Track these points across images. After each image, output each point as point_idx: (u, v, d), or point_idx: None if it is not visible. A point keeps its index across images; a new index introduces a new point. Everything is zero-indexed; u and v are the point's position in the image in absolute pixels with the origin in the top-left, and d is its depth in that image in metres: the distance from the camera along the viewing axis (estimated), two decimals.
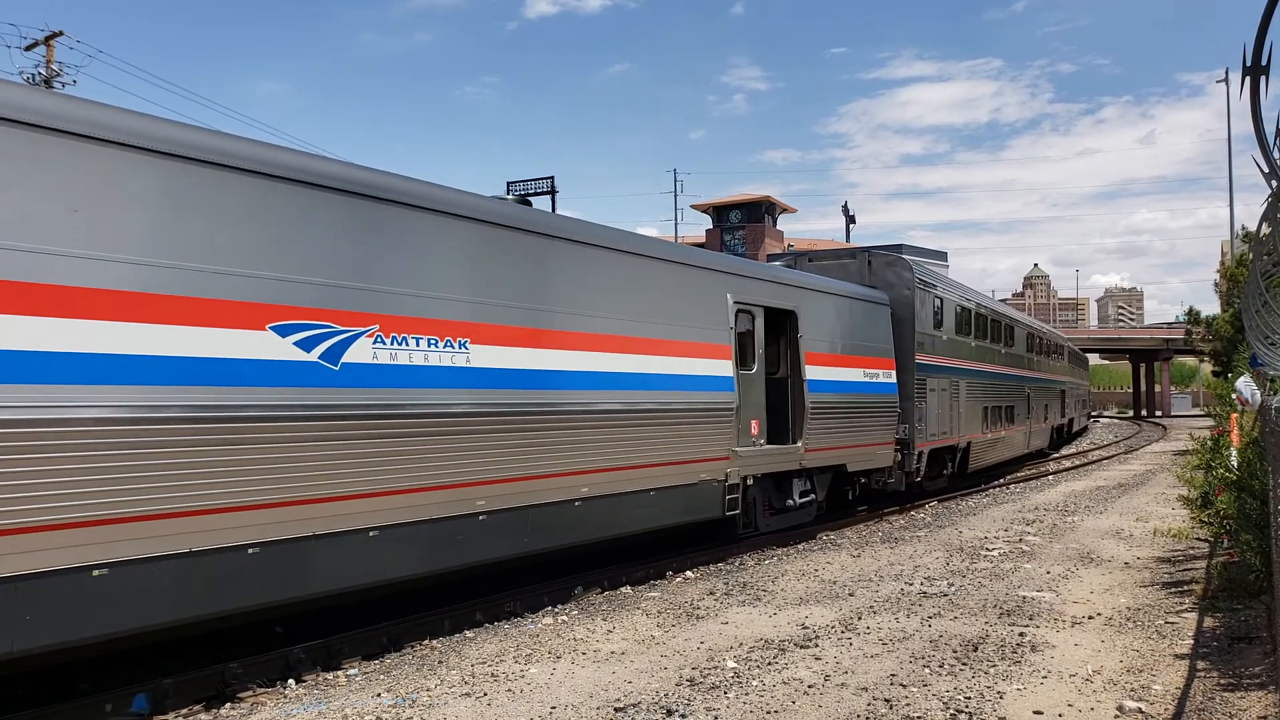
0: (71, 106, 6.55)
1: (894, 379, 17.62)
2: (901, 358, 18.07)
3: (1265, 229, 6.37)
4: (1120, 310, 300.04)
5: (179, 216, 6.89)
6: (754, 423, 13.47)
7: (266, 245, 7.45)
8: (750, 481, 13.43)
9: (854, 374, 16.19)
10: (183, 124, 7.43)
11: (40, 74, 30.78)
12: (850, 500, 17.44)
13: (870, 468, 16.94)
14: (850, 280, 17.81)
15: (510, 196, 11.95)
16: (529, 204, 11.52)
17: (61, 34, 31.29)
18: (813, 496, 15.26)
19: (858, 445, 16.28)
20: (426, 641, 8.96)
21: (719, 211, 76.91)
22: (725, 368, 12.79)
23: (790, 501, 14.69)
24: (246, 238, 7.32)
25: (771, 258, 18.51)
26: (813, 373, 14.89)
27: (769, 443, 13.98)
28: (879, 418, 16.94)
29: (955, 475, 22.12)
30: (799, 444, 14.54)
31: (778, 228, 78.17)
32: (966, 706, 6.35)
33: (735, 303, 13.16)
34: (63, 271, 6.13)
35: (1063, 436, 40.86)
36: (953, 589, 10.25)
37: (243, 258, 7.25)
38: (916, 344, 18.32)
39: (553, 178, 47.15)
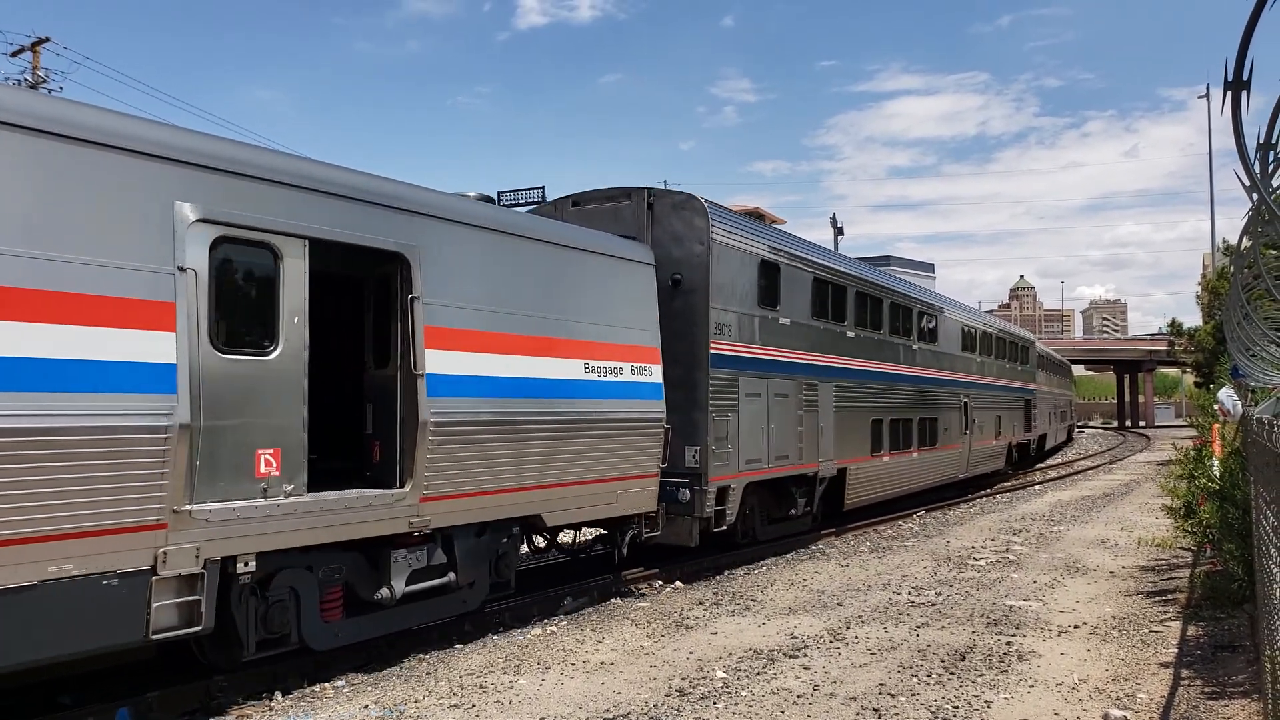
0: None
1: (657, 377, 11.53)
2: (683, 345, 12.33)
3: (1246, 242, 6.46)
4: (1105, 321, 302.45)
5: None
6: (264, 455, 7.33)
7: None
8: (250, 565, 7.22)
9: (559, 368, 10.09)
10: None
11: (26, 80, 30.69)
12: (617, 562, 11.98)
13: (604, 517, 10.94)
14: (626, 231, 12.38)
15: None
16: None
17: (48, 40, 31.16)
18: (450, 577, 9.01)
19: (566, 483, 10.09)
20: (415, 653, 8.93)
21: None
22: (154, 347, 6.66)
23: (384, 593, 8.41)
24: None
25: (537, 209, 13.48)
26: (448, 364, 8.77)
27: (330, 488, 8.04)
28: (622, 438, 10.92)
29: (823, 515, 16.21)
30: (406, 488, 8.36)
31: None
32: (954, 715, 6.38)
33: (203, 219, 6.98)
34: None
35: (1030, 455, 33.80)
36: (940, 598, 10.30)
37: None
38: (715, 327, 12.49)
39: (543, 188, 46.98)
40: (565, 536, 12.29)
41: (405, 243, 8.54)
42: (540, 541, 11.86)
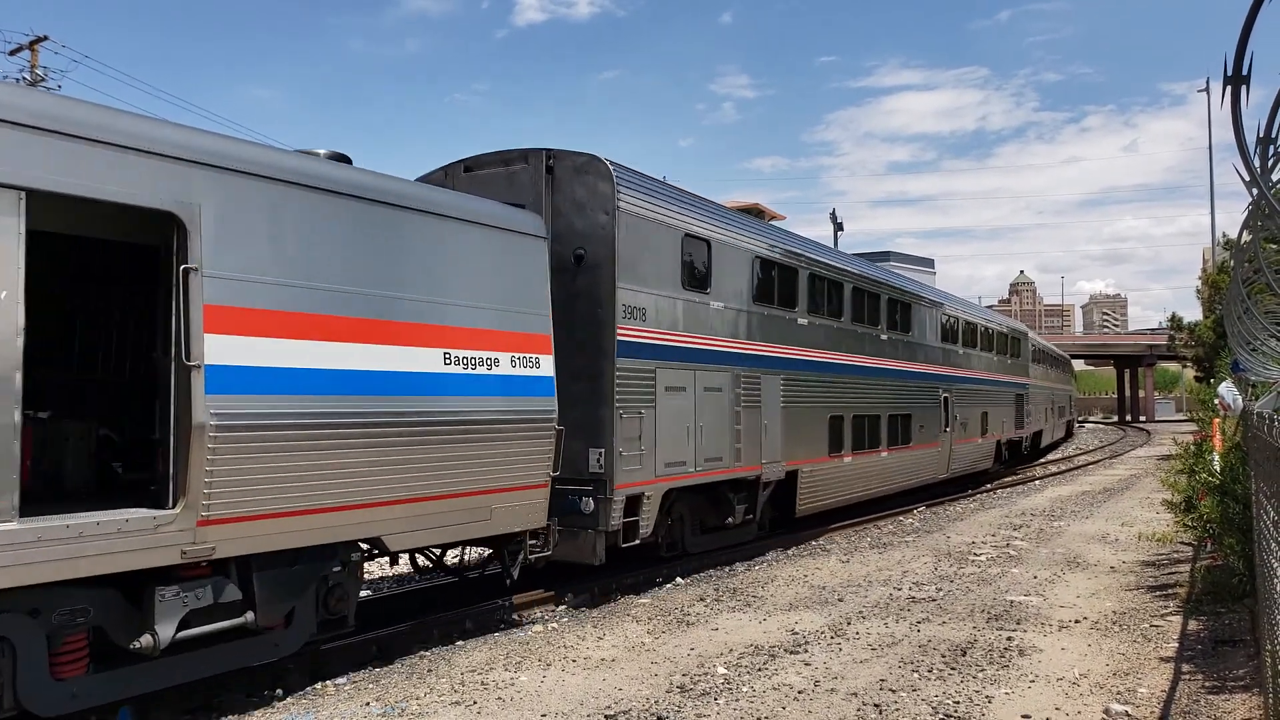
0: None
1: (548, 370, 9.76)
2: (586, 332, 10.72)
3: (1246, 236, 6.46)
4: (1105, 316, 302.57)
5: None
6: None
7: None
8: None
9: (407, 358, 8.28)
10: None
11: (25, 78, 30.70)
12: (509, 585, 10.10)
13: (473, 536, 9.18)
14: (523, 199, 10.68)
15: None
16: None
17: (46, 39, 31.20)
18: (249, 617, 7.21)
19: (417, 498, 8.30)
20: (416, 650, 8.94)
21: None
22: None
23: (144, 641, 6.53)
24: None
25: (424, 177, 11.79)
26: (240, 353, 6.92)
27: (60, 511, 6.29)
28: (497, 442, 9.07)
29: (770, 523, 14.64)
30: (176, 509, 6.54)
31: None
32: (955, 711, 6.39)
33: None
34: None
35: (1023, 452, 31.83)
36: (941, 594, 10.30)
37: None
38: (623, 310, 10.81)
39: None
40: (452, 555, 10.83)
41: (178, 199, 6.61)
42: (423, 561, 10.48)
